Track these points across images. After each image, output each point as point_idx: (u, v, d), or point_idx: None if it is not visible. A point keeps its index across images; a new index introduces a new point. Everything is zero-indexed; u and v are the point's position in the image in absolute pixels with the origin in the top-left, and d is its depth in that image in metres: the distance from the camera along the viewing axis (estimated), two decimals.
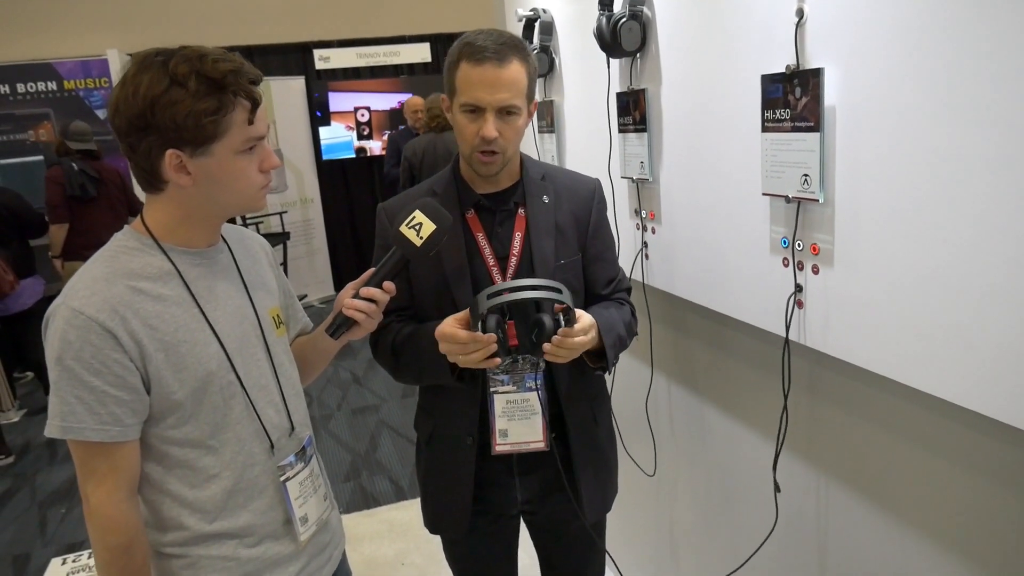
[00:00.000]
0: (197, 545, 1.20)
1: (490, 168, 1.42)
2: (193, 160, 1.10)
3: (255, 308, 1.27)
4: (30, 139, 6.36)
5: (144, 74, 1.07)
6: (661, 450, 2.09)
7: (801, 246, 1.32)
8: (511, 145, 1.41)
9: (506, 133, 1.39)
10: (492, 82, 1.35)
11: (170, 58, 1.08)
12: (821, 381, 1.42)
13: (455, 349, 1.32)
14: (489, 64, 1.34)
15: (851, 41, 1.15)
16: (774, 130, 1.31)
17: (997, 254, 0.97)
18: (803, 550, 1.54)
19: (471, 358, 1.31)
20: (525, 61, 1.39)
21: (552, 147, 2.38)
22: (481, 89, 1.36)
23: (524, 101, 1.40)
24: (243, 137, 1.12)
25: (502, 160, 1.42)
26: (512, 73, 1.36)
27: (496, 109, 1.36)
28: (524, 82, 1.38)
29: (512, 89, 1.36)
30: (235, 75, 1.09)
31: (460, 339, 1.30)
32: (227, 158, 1.12)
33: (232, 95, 1.09)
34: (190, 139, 1.08)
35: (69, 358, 1.08)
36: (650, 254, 1.89)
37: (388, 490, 3.56)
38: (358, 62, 7.42)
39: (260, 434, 1.24)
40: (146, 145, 1.09)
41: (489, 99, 1.36)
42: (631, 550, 2.41)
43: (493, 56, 1.34)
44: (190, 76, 1.06)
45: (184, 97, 1.06)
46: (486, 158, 1.40)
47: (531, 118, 1.47)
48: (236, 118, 1.11)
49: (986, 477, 1.11)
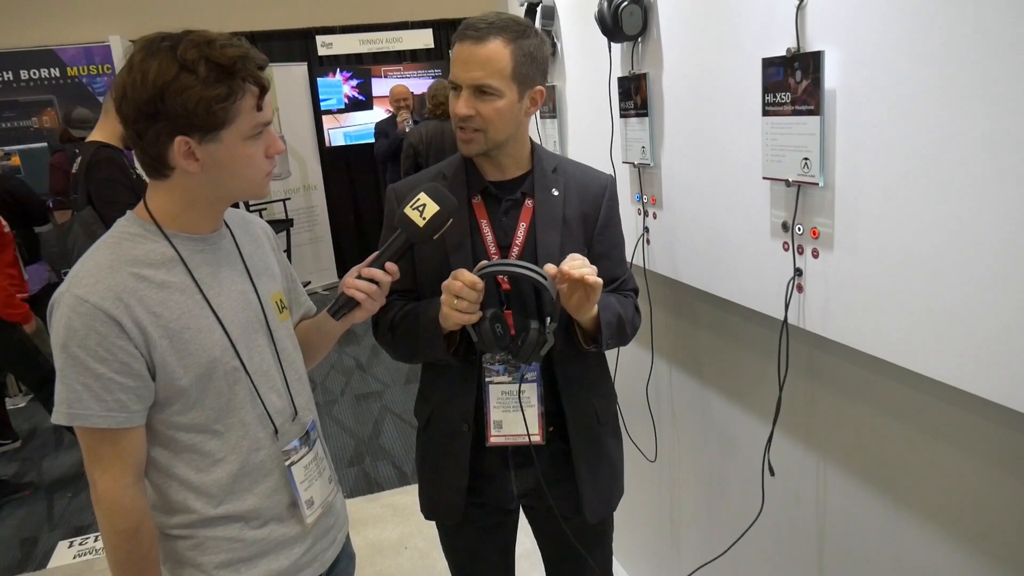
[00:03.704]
0: (203, 527, 1.21)
1: (469, 147, 1.42)
2: (202, 146, 1.10)
3: (258, 293, 1.28)
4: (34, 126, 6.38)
5: (152, 60, 1.06)
6: (662, 435, 2.11)
7: (801, 230, 1.32)
8: (491, 127, 1.39)
9: (484, 112, 1.37)
10: (466, 59, 1.36)
11: (177, 43, 1.07)
12: (821, 365, 1.42)
13: (454, 286, 1.31)
14: (467, 42, 1.35)
15: (851, 24, 1.14)
16: (775, 114, 1.30)
17: (996, 237, 0.97)
18: (800, 532, 1.55)
19: (458, 304, 1.31)
20: (512, 42, 1.35)
21: (554, 132, 2.38)
22: (457, 65, 1.37)
23: (506, 83, 1.36)
24: (252, 123, 1.13)
25: (482, 140, 1.40)
26: (488, 52, 1.34)
27: (470, 87, 1.36)
28: (504, 63, 1.35)
29: (486, 68, 1.35)
30: (243, 61, 1.09)
31: (464, 276, 1.31)
32: (235, 144, 1.12)
33: (241, 81, 1.09)
34: (200, 125, 1.08)
35: (74, 346, 1.09)
36: (651, 239, 1.89)
37: (391, 475, 3.59)
38: (360, 48, 7.41)
39: (264, 419, 1.25)
40: (154, 132, 1.09)
41: (463, 76, 1.36)
42: (632, 535, 2.43)
43: (473, 34, 1.35)
44: (200, 62, 1.06)
45: (195, 83, 1.06)
46: (464, 135, 1.40)
47: (535, 106, 1.44)
48: (245, 104, 1.11)
49: (985, 460, 1.12)
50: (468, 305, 1.31)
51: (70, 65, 6.41)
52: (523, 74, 1.38)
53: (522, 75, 1.38)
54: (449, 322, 1.35)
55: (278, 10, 7.06)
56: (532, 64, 1.40)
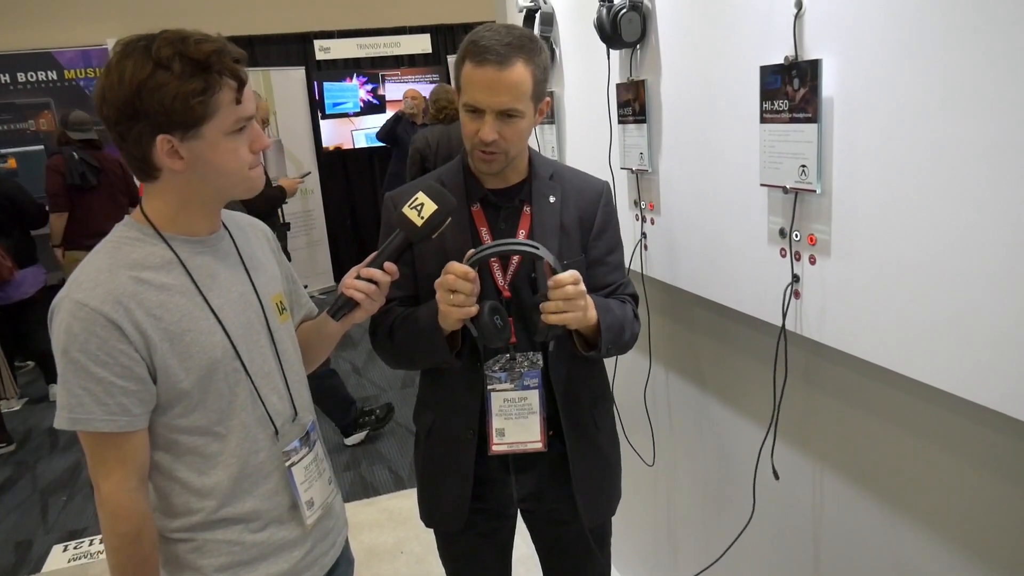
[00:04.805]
0: (204, 530, 1.21)
1: (490, 167, 1.42)
2: (184, 144, 1.11)
3: (258, 294, 1.28)
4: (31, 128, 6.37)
5: (127, 60, 1.07)
6: (660, 440, 2.11)
7: (798, 236, 1.33)
8: (513, 146, 1.40)
9: (506, 134, 1.37)
10: (491, 85, 1.33)
11: (152, 42, 1.08)
12: (818, 371, 1.43)
13: (448, 280, 1.30)
14: (490, 67, 1.32)
15: (849, 33, 1.15)
16: (772, 121, 1.31)
17: (994, 244, 0.98)
18: (797, 537, 1.55)
19: (455, 298, 1.30)
20: (531, 62, 1.35)
21: (552, 138, 2.39)
22: (481, 91, 1.34)
23: (528, 103, 1.37)
24: (233, 117, 1.13)
25: (503, 160, 1.41)
26: (514, 76, 1.33)
27: (496, 112, 1.35)
28: (528, 84, 1.35)
29: (513, 92, 1.34)
30: (218, 55, 1.09)
31: (455, 268, 1.30)
32: (218, 140, 1.12)
33: (217, 75, 1.09)
34: (180, 122, 1.08)
35: (75, 350, 1.09)
36: (649, 245, 1.90)
37: (388, 479, 3.58)
38: (358, 53, 7.42)
39: (264, 420, 1.25)
40: (136, 132, 1.09)
41: (488, 102, 1.34)
42: (630, 540, 2.43)
43: (495, 59, 1.31)
44: (174, 58, 1.06)
45: (170, 80, 1.06)
46: (486, 156, 1.40)
47: (541, 116, 1.45)
48: (223, 98, 1.11)
49: (983, 467, 1.12)
50: (464, 298, 1.30)
51: (67, 68, 6.40)
52: (539, 91, 1.39)
53: (538, 92, 1.39)
54: (449, 320, 1.34)
55: (276, 14, 7.07)
56: (544, 80, 1.41)
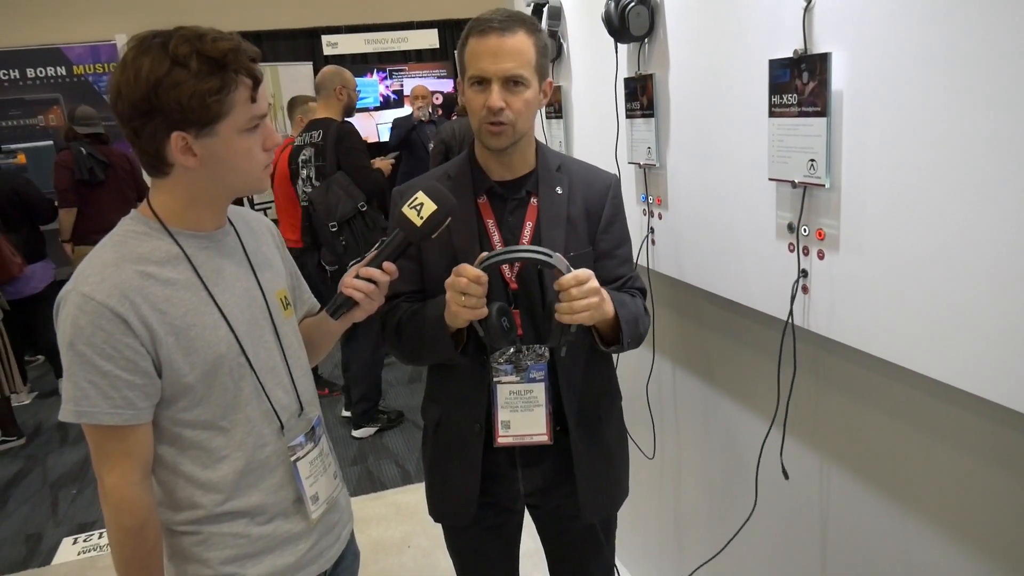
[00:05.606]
0: (209, 523, 1.22)
1: (499, 140, 1.39)
2: (199, 141, 1.11)
3: (263, 290, 1.28)
4: (40, 124, 6.40)
5: (144, 57, 1.07)
6: (662, 433, 2.11)
7: (807, 231, 1.32)
8: (520, 118, 1.39)
9: (513, 104, 1.36)
10: (496, 51, 1.34)
11: (168, 39, 1.08)
12: (826, 366, 1.42)
13: (459, 283, 1.29)
14: (493, 34, 1.34)
15: (859, 26, 1.14)
16: (781, 115, 1.31)
17: (1003, 239, 0.97)
18: (803, 531, 1.55)
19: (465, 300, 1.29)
20: (532, 34, 1.37)
21: (560, 133, 2.38)
22: (485, 59, 1.35)
23: (532, 73, 1.37)
24: (247, 116, 1.13)
25: (511, 133, 1.39)
26: (517, 42, 1.35)
27: (502, 79, 1.35)
28: (531, 53, 1.36)
29: (517, 59, 1.35)
30: (235, 53, 1.10)
31: (467, 272, 1.29)
32: (232, 137, 1.13)
33: (234, 73, 1.10)
34: (195, 120, 1.09)
35: (81, 343, 1.09)
36: (656, 239, 1.89)
37: (395, 474, 3.59)
38: (366, 48, 7.42)
39: (270, 415, 1.26)
40: (151, 129, 1.09)
41: (494, 68, 1.34)
42: (633, 533, 2.43)
43: (497, 26, 1.34)
44: (191, 56, 1.06)
45: (187, 78, 1.06)
46: (494, 128, 1.38)
47: (546, 97, 1.45)
48: (239, 96, 1.11)
49: (991, 462, 1.12)
50: (475, 301, 1.30)
51: (76, 63, 6.43)
52: (542, 66, 1.40)
53: (541, 67, 1.40)
54: (457, 320, 1.34)
55: (284, 10, 7.07)
56: (546, 57, 1.43)
